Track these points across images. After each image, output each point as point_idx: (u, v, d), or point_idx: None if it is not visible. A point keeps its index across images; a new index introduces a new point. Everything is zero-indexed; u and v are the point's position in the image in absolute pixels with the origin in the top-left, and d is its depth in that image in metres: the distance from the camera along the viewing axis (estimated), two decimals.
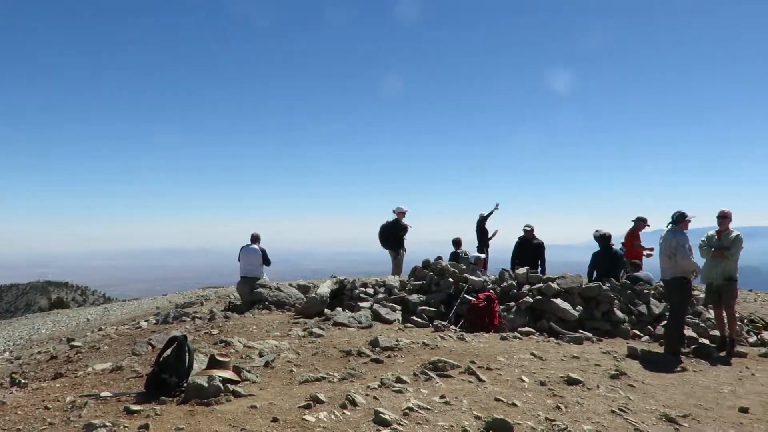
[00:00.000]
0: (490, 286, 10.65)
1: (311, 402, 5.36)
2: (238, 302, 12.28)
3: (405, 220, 14.69)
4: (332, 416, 5.08)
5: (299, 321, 9.84)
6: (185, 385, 5.79)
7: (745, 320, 11.52)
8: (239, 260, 12.36)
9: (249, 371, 6.46)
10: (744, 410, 6.35)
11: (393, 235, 14.52)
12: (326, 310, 10.13)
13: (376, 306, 10.02)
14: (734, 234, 9.30)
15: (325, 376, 6.47)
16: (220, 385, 5.64)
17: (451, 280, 10.70)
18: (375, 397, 5.64)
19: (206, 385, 5.55)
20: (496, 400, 5.83)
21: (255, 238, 12.40)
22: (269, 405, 5.36)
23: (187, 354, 6.04)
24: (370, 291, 11.13)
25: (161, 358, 6.01)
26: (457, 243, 14.06)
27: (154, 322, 11.75)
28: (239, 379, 6.17)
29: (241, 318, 10.31)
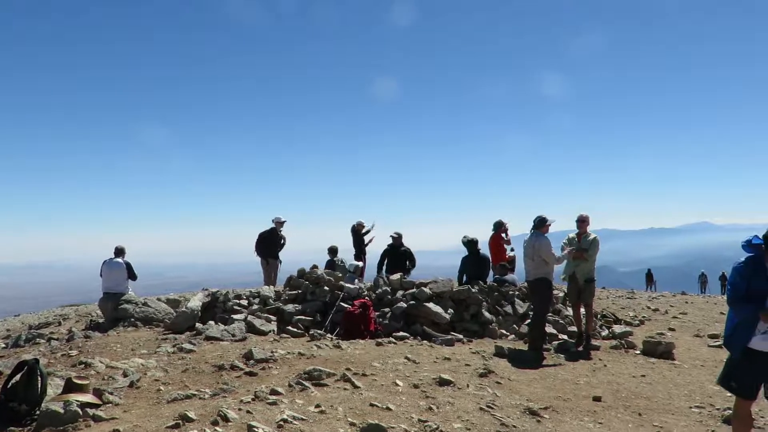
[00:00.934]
0: (365, 293, 10.75)
1: (180, 421, 5.11)
2: (101, 320, 11.49)
3: (283, 231, 14.67)
4: None
5: (168, 337, 9.36)
6: (38, 412, 5.32)
7: (599, 316, 12.50)
8: (101, 275, 11.58)
9: (111, 393, 6.04)
10: (597, 399, 6.88)
11: (270, 244, 14.39)
12: (198, 325, 9.72)
13: (250, 318, 9.78)
14: (592, 237, 10.07)
15: (196, 393, 6.21)
16: (78, 409, 5.23)
17: (326, 288, 10.70)
18: (248, 411, 5.49)
19: (62, 411, 5.13)
20: (371, 405, 5.88)
21: (119, 251, 11.68)
22: (133, 427, 5.05)
23: (39, 378, 5.57)
24: (245, 302, 10.85)
25: (8, 385, 5.49)
26: (332, 251, 14.10)
27: (3, 346, 10.70)
28: (100, 402, 5.76)
29: (103, 337, 9.65)
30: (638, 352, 9.64)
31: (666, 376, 8.20)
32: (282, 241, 14.65)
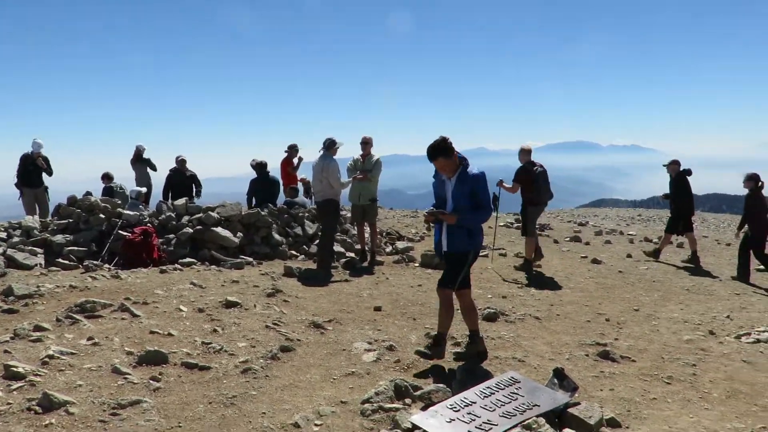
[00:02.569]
0: (147, 219, 10.14)
1: None
2: None
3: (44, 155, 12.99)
4: None
5: None
6: None
7: (384, 233, 13.24)
8: None
9: None
10: (378, 309, 7.36)
11: (32, 171, 12.69)
12: None
13: (10, 251, 8.72)
14: (375, 158, 10.47)
15: None
16: None
17: (102, 216, 9.88)
18: (6, 351, 4.97)
19: None
20: (152, 332, 5.67)
21: None
22: None
23: None
24: (2, 235, 9.63)
25: None
26: (107, 177, 12.99)
27: None
28: None
29: None
30: (417, 264, 10.44)
31: None
32: (33, 167, 12.53)
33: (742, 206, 11.33)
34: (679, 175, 12.02)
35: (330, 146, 9.58)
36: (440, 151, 5.35)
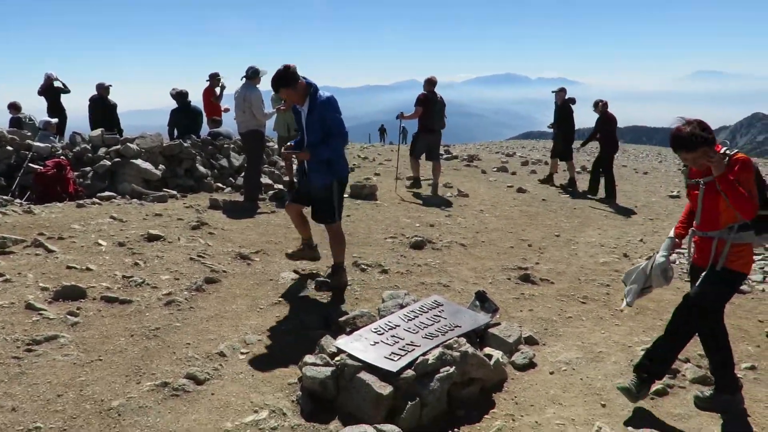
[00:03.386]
0: (60, 152, 9.59)
1: None
2: None
3: None
4: None
5: None
6: None
7: None
8: None
9: None
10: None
11: None
12: None
13: None
14: None
15: None
16: None
17: (10, 148, 9.25)
18: None
19: None
20: (68, 268, 5.45)
21: None
22: None
23: None
24: None
25: None
26: (14, 107, 12.13)
27: None
28: None
29: None
30: (346, 195, 10.40)
31: (368, 214, 9.05)
32: None
33: (660, 138, 12.05)
34: (564, 103, 12.45)
35: (253, 75, 9.22)
36: (282, 81, 5.04)
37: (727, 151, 3.44)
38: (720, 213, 3.51)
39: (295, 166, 10.60)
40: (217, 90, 12.50)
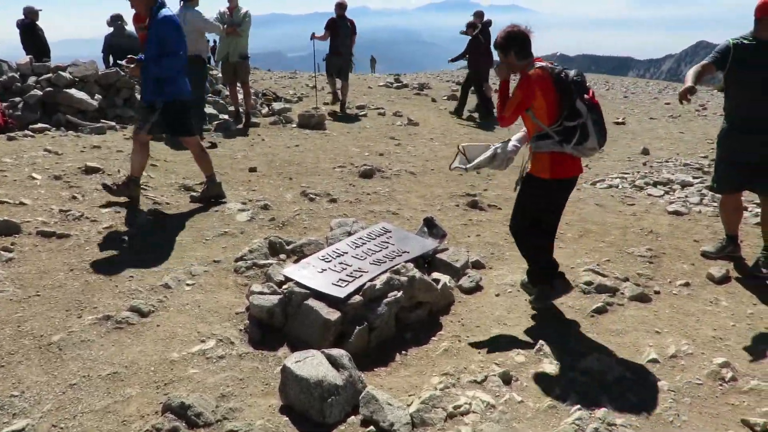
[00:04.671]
0: None
1: None
2: None
3: None
4: None
5: None
6: None
7: (260, 95, 12.71)
8: None
9: None
10: (253, 170, 7.19)
11: None
12: None
13: None
14: (243, 11, 9.72)
15: None
16: None
17: None
18: None
19: None
20: (1, 202, 5.19)
21: None
22: None
23: None
24: None
25: None
26: None
27: None
28: None
29: None
30: (294, 125, 10.19)
31: (317, 144, 8.91)
32: None
33: (610, 66, 12.19)
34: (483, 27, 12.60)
35: None
36: None
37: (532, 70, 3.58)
38: (526, 122, 3.80)
39: (240, 97, 10.29)
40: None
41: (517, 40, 3.60)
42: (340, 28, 11.58)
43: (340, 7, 11.61)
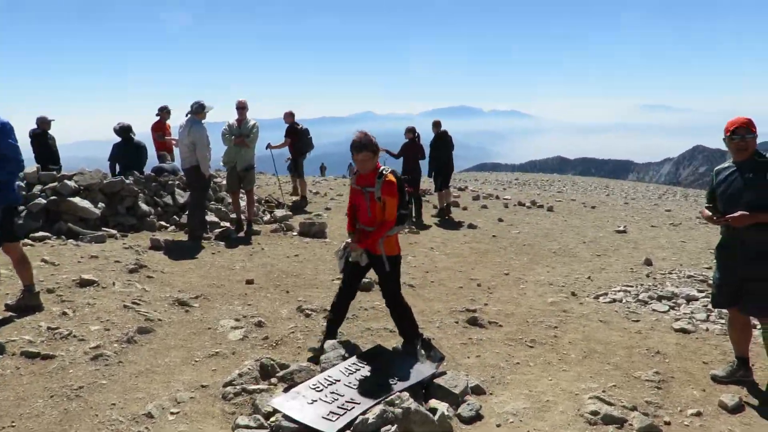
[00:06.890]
0: None
1: None
2: None
3: None
4: None
5: None
6: None
7: (262, 201, 12.85)
8: None
9: None
10: (250, 282, 7.09)
11: None
12: None
13: None
14: (252, 123, 10.02)
15: None
16: None
17: None
18: None
19: None
20: None
21: None
22: None
23: None
24: None
25: None
26: None
27: None
28: None
29: None
30: (295, 233, 10.20)
31: (316, 254, 8.86)
32: None
33: (609, 169, 12.43)
34: (439, 135, 12.98)
35: (198, 110, 9.02)
36: None
37: (384, 170, 4.64)
38: (376, 214, 4.67)
39: (243, 204, 10.38)
40: (169, 123, 12.24)
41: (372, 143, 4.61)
42: (303, 132, 13.40)
43: (292, 116, 13.42)
